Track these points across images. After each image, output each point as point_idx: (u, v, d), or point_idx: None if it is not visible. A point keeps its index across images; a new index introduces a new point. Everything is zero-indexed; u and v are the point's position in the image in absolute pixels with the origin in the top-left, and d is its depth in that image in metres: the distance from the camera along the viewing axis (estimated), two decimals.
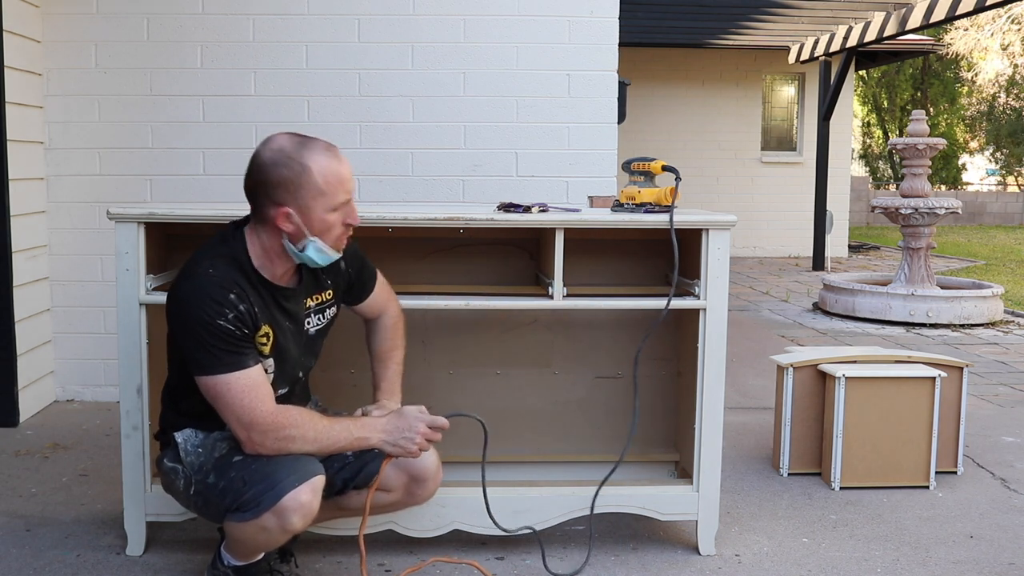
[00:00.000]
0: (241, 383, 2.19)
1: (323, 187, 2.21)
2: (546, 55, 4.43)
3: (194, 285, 2.21)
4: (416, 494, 2.52)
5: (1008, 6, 11.49)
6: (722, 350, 2.76)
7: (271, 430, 2.20)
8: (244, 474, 2.23)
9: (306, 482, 2.19)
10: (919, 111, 7.78)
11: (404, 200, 4.43)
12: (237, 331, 2.19)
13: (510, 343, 3.15)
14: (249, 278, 2.27)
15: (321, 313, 2.49)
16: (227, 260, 2.26)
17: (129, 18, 4.34)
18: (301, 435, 2.23)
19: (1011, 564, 2.83)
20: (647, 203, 2.81)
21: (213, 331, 2.17)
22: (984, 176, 27.96)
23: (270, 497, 2.17)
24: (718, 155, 13.17)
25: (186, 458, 2.33)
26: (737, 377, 5.23)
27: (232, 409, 2.19)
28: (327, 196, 2.22)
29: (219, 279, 2.21)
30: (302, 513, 2.19)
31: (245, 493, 2.21)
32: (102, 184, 4.40)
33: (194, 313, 2.18)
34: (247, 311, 2.22)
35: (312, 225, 2.23)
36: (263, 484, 2.19)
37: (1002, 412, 4.68)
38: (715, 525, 2.84)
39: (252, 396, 2.19)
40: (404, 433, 2.31)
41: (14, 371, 4.09)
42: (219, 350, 2.18)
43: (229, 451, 2.30)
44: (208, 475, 2.29)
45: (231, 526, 2.28)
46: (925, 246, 7.63)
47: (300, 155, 2.20)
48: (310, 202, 2.21)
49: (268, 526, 2.20)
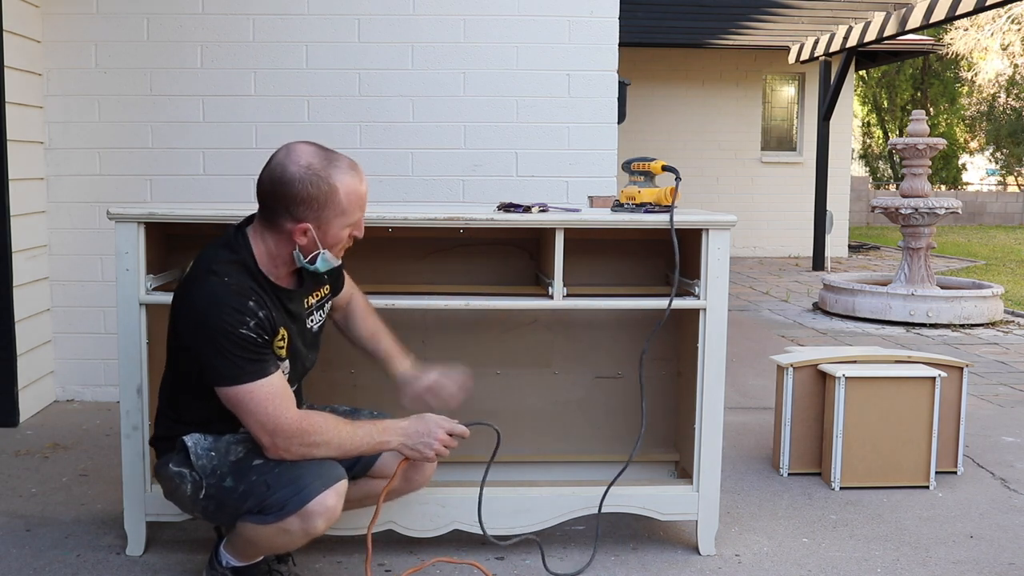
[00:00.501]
0: (265, 391, 2.18)
1: (345, 207, 2.22)
2: (546, 55, 4.43)
3: (212, 293, 2.17)
4: (413, 479, 2.52)
5: (1008, 6, 11.49)
6: (722, 350, 2.76)
7: (295, 436, 2.20)
8: (267, 478, 2.22)
9: (332, 487, 2.21)
10: (919, 111, 7.78)
11: (404, 200, 4.43)
12: (258, 338, 2.18)
13: (510, 343, 3.15)
14: (259, 282, 2.26)
15: (321, 309, 2.49)
16: (239, 267, 2.24)
17: (129, 18, 4.34)
18: (325, 441, 2.23)
19: (1011, 564, 2.83)
20: (647, 203, 2.81)
21: (235, 340, 2.15)
22: (984, 176, 27.97)
23: (296, 501, 2.18)
24: (718, 155, 13.17)
25: (197, 462, 2.29)
26: (737, 377, 5.23)
27: (256, 417, 2.18)
28: (347, 215, 2.23)
29: (237, 287, 2.19)
30: (327, 517, 2.20)
31: (269, 497, 2.20)
32: (102, 184, 4.40)
33: (214, 323, 2.15)
34: (266, 317, 2.21)
35: (326, 240, 2.24)
36: (289, 488, 2.19)
37: (1002, 412, 4.68)
38: (715, 525, 2.84)
39: (276, 404, 2.18)
40: (423, 438, 2.33)
41: (14, 371, 4.09)
42: (241, 359, 2.16)
43: (247, 454, 2.29)
44: (224, 479, 2.27)
45: (248, 527, 2.27)
46: (925, 246, 7.63)
47: (328, 174, 2.19)
48: (332, 220, 2.22)
49: (291, 529, 2.21)
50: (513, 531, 2.79)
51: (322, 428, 2.23)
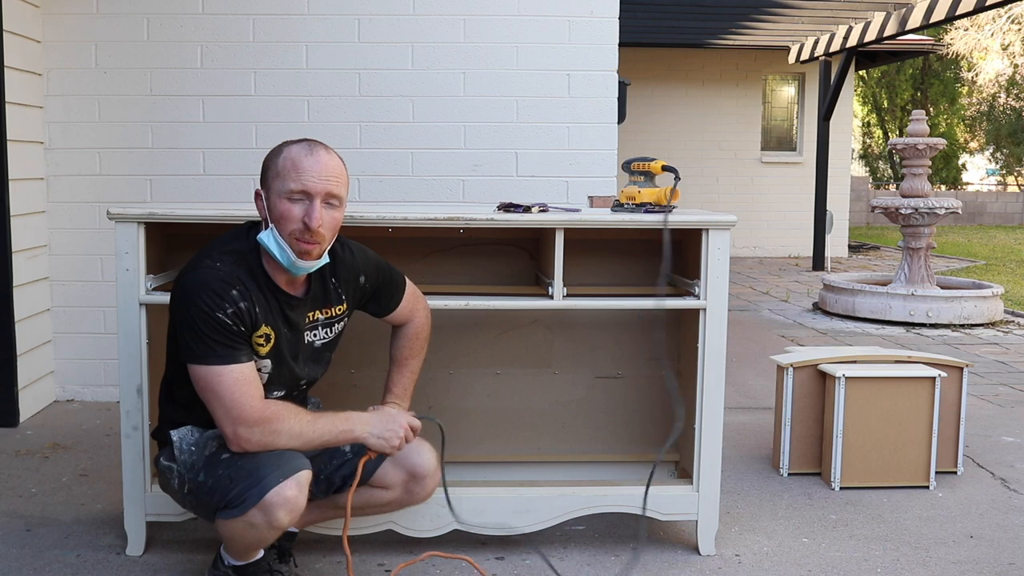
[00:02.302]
0: (233, 376, 2.20)
1: (280, 170, 2.25)
2: (546, 55, 4.43)
3: (197, 276, 2.23)
4: (415, 492, 2.53)
5: (1008, 6, 11.49)
6: (722, 350, 2.76)
7: (257, 424, 2.21)
8: (231, 471, 2.24)
9: (291, 477, 2.20)
10: (919, 111, 7.78)
11: (404, 200, 4.43)
12: (234, 326, 2.21)
13: (510, 343, 3.15)
14: (256, 278, 2.29)
15: (329, 327, 2.49)
16: (236, 257, 2.28)
17: (129, 18, 4.34)
18: (287, 429, 2.23)
19: (1011, 564, 2.83)
20: (647, 203, 2.81)
21: (210, 323, 2.19)
22: (984, 176, 27.97)
23: (255, 493, 2.18)
24: (718, 155, 13.17)
25: (179, 456, 2.34)
26: (737, 377, 5.23)
27: (221, 401, 2.20)
28: (281, 178, 2.25)
29: (224, 274, 2.23)
30: (288, 508, 2.19)
31: (231, 490, 2.22)
32: (102, 184, 4.40)
33: (194, 302, 2.20)
34: (247, 309, 2.24)
35: (272, 209, 2.27)
36: (248, 480, 2.20)
37: (1002, 412, 4.68)
38: (715, 525, 2.84)
39: (243, 391, 2.20)
40: (389, 425, 2.36)
41: (14, 371, 4.09)
42: (213, 341, 2.20)
43: (218, 449, 2.31)
44: (199, 473, 2.30)
45: (221, 524, 2.29)
46: (925, 246, 7.63)
47: (284, 146, 2.29)
48: (271, 182, 2.28)
49: (255, 522, 2.21)
50: (513, 531, 2.79)
51: (283, 416, 2.24)
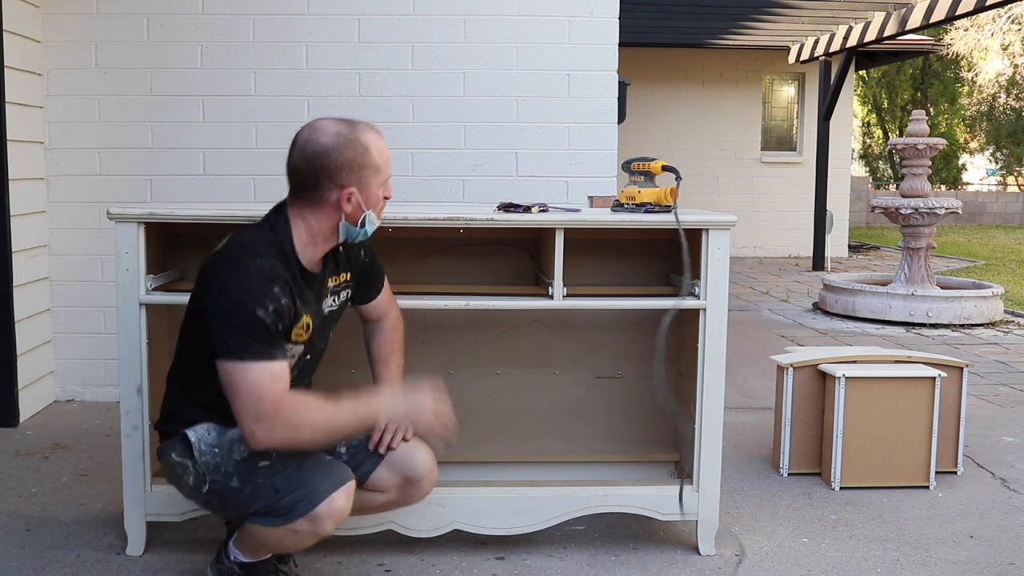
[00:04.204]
0: (264, 373, 2.15)
1: (379, 164, 2.30)
2: (546, 55, 4.43)
3: (239, 274, 2.18)
4: (411, 494, 2.52)
5: (1008, 6, 11.49)
6: (722, 350, 2.76)
7: (279, 419, 2.15)
8: (275, 481, 2.24)
9: (341, 488, 2.23)
10: (919, 111, 7.78)
11: (404, 200, 4.43)
12: (272, 326, 2.18)
13: (510, 343, 3.15)
14: (291, 268, 2.27)
15: (336, 295, 2.48)
16: (274, 250, 2.25)
17: (129, 18, 4.34)
18: (311, 422, 2.19)
19: (1011, 564, 2.83)
20: (647, 203, 2.81)
21: (248, 319, 2.14)
22: (984, 176, 27.97)
23: (305, 504, 2.20)
24: (718, 155, 13.17)
25: (200, 457, 2.29)
26: (737, 377, 5.23)
27: (246, 398, 2.14)
28: (381, 172, 2.32)
29: (266, 271, 2.20)
30: (335, 519, 2.23)
31: (278, 500, 2.22)
32: (102, 184, 4.40)
33: (235, 298, 2.15)
34: (288, 305, 2.22)
35: (368, 200, 2.31)
36: (299, 491, 2.21)
37: (1002, 412, 4.68)
38: (715, 525, 2.84)
39: (270, 388, 2.15)
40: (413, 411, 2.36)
41: (14, 371, 4.09)
42: (249, 338, 2.15)
43: (252, 454, 2.27)
44: (230, 478, 2.27)
45: (256, 528, 2.28)
46: (925, 246, 7.63)
47: (357, 136, 2.28)
48: (370, 179, 2.30)
49: (300, 530, 2.22)
50: (513, 531, 2.79)
51: (304, 409, 2.20)
